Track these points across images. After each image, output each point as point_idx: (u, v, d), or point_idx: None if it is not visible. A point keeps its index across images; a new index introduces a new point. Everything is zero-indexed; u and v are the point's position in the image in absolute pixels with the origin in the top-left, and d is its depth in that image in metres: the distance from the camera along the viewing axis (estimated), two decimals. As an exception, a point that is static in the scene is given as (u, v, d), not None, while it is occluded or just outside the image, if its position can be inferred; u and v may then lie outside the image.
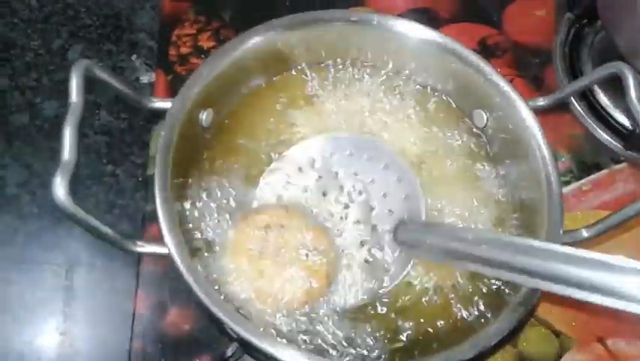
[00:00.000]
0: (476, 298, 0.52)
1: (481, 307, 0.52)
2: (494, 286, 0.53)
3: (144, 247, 0.47)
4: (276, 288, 0.50)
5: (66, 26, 0.68)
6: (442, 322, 0.52)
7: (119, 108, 0.64)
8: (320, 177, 0.56)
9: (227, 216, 0.53)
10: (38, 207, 0.60)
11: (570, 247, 0.41)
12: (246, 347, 0.48)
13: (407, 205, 0.55)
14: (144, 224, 0.59)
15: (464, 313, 0.52)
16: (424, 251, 0.51)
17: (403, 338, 0.51)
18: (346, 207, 0.55)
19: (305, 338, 0.50)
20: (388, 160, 0.57)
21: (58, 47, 0.67)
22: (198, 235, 0.52)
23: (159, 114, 0.54)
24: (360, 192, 0.56)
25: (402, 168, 0.56)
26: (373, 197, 0.55)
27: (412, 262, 0.53)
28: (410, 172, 0.56)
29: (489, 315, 0.51)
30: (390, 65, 0.60)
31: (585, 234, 0.51)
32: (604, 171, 0.63)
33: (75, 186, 0.43)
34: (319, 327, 0.50)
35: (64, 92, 0.45)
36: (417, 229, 0.53)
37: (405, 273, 0.53)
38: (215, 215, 0.53)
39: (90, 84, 0.46)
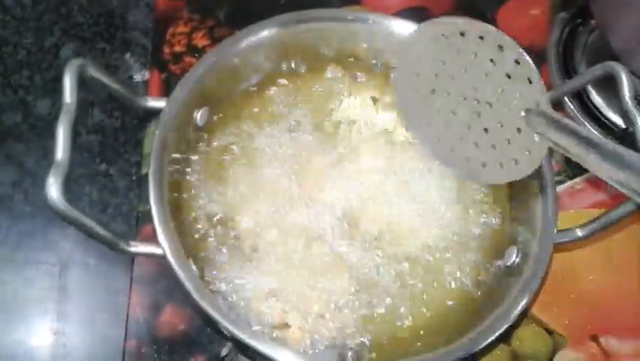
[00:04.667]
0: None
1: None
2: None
3: (138, 248, 0.47)
4: None
5: (59, 24, 0.67)
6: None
7: (112, 107, 0.63)
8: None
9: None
10: (31, 207, 0.59)
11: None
12: (241, 346, 0.48)
13: (533, 89, 0.48)
14: (138, 223, 0.59)
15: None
16: (554, 142, 0.46)
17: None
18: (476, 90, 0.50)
19: None
20: (500, 41, 0.49)
21: (51, 44, 0.66)
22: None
23: (153, 113, 0.54)
24: (485, 75, 0.50)
25: (515, 49, 0.48)
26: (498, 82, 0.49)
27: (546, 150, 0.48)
28: (525, 55, 0.48)
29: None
30: (385, 64, 0.61)
31: (579, 233, 0.51)
32: (597, 170, 0.64)
33: (68, 185, 0.43)
34: None
35: (57, 91, 0.45)
36: (544, 119, 0.47)
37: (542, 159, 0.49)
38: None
39: (83, 82, 0.46)
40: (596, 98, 0.65)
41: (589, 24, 0.70)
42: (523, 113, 0.48)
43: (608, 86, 0.53)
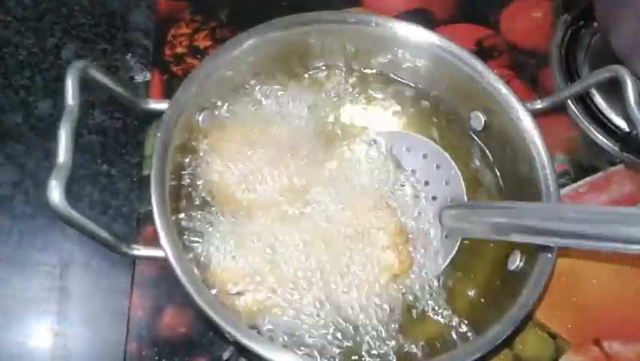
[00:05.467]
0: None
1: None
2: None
3: (140, 251, 0.47)
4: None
5: (60, 25, 0.67)
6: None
7: (113, 108, 0.63)
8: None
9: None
10: (32, 207, 0.59)
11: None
12: (243, 350, 0.48)
13: (449, 190, 0.57)
14: (139, 225, 0.58)
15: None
16: (469, 230, 0.54)
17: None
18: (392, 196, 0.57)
19: None
20: (426, 150, 0.58)
21: (52, 45, 0.66)
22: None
23: (154, 114, 0.54)
24: (402, 185, 0.57)
25: (440, 155, 0.58)
26: (416, 186, 0.57)
27: (457, 246, 0.55)
28: (448, 158, 0.57)
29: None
30: (387, 67, 0.60)
31: (582, 237, 0.51)
32: (600, 173, 0.64)
33: (69, 187, 0.43)
34: None
35: (58, 91, 0.45)
36: (460, 210, 0.55)
37: (451, 256, 0.55)
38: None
39: (84, 84, 0.46)
40: (600, 101, 0.65)
41: (591, 26, 0.70)
42: (431, 216, 0.55)
43: (612, 89, 0.53)
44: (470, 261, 0.55)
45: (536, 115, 0.56)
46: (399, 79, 0.61)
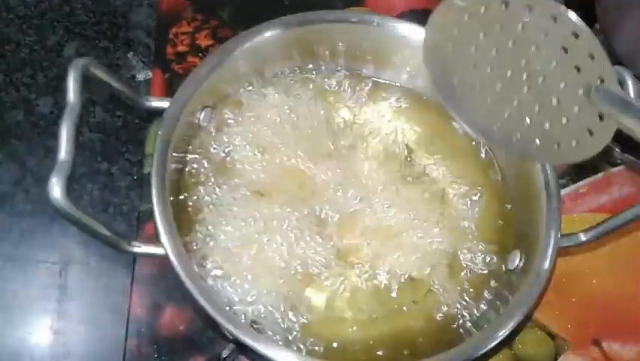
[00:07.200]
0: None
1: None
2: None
3: (141, 248, 0.47)
4: None
5: (62, 23, 0.67)
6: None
7: (114, 106, 0.63)
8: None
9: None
10: (32, 205, 0.59)
11: None
12: (242, 348, 0.48)
13: (595, 66, 0.44)
14: (139, 223, 0.59)
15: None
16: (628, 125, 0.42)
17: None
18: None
19: None
20: (554, 11, 0.44)
21: (54, 43, 0.66)
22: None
23: (155, 113, 0.54)
24: (537, 47, 0.45)
25: (574, 21, 0.44)
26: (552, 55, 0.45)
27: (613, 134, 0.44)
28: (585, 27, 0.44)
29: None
30: (388, 66, 0.61)
31: (583, 238, 0.51)
32: (601, 174, 0.63)
33: (70, 184, 0.43)
34: None
35: (60, 89, 0.45)
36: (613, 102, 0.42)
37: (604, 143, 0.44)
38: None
39: (85, 81, 0.46)
40: (600, 102, 0.65)
41: (593, 27, 0.69)
42: (581, 91, 0.43)
43: (613, 90, 0.53)
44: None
45: (537, 115, 0.55)
46: (399, 77, 0.61)
